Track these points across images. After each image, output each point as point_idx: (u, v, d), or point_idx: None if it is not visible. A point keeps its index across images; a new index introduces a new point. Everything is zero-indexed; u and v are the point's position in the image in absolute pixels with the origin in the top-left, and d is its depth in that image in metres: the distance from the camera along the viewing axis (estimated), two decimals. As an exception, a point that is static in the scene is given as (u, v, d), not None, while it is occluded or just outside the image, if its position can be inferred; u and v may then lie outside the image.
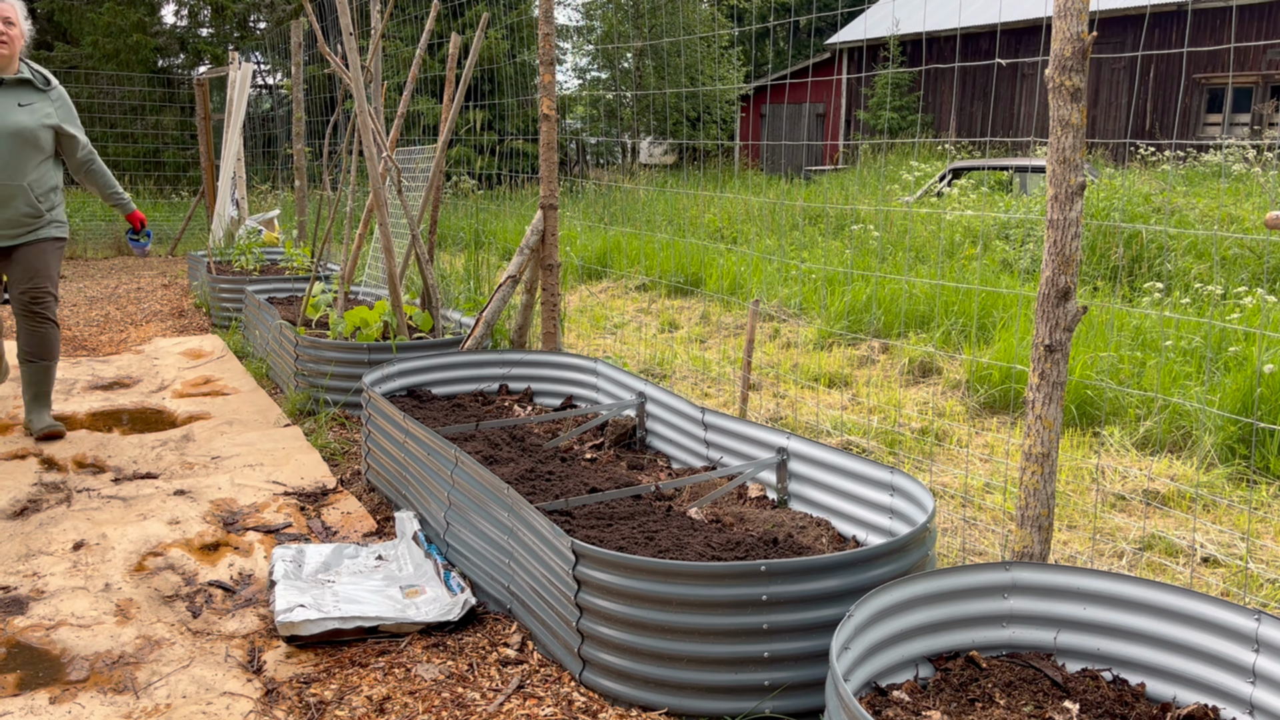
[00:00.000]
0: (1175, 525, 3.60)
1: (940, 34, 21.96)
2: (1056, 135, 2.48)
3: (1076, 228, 2.49)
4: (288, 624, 2.69)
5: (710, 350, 6.56)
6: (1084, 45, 2.42)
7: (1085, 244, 7.78)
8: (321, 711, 2.40)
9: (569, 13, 27.52)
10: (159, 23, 19.34)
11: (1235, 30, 18.35)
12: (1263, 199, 9.01)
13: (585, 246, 10.39)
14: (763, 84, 25.66)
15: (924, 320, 6.59)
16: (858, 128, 23.14)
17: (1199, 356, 5.07)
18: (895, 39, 21.68)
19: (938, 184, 11.76)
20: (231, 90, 9.59)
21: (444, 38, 8.93)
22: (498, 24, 14.95)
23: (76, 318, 7.71)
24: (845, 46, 23.74)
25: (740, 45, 28.23)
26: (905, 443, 4.53)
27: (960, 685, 2.21)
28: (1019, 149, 17.53)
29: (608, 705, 2.42)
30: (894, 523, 2.87)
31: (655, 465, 3.75)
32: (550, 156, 4.74)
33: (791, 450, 3.25)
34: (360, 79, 4.82)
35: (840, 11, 7.31)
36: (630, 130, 24.64)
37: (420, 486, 3.45)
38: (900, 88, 21.67)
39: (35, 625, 2.82)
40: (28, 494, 3.84)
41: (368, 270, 7.80)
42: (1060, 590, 2.34)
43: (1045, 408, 2.56)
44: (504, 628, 2.81)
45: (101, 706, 2.43)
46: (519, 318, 5.12)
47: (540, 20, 4.62)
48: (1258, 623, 2.08)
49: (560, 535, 2.50)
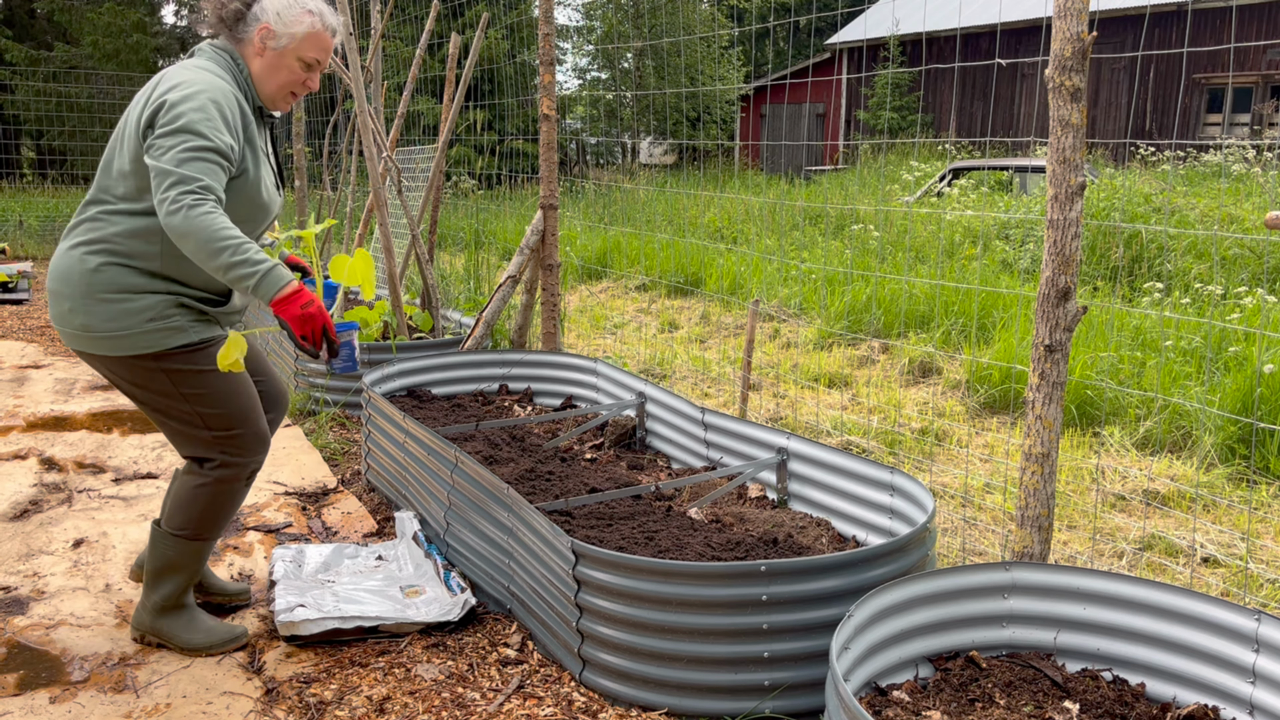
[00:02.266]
0: (1175, 525, 3.60)
1: (940, 34, 21.96)
2: (1056, 135, 2.48)
3: (1076, 228, 2.49)
4: (288, 624, 2.69)
5: (710, 350, 6.56)
6: (1084, 45, 2.42)
7: (1085, 244, 7.78)
8: (321, 711, 2.40)
9: (569, 13, 27.54)
10: (159, 23, 19.36)
11: (1235, 30, 18.35)
12: (1263, 199, 9.01)
13: (585, 246, 10.39)
14: (763, 84, 25.65)
15: (924, 320, 6.59)
16: (858, 128, 23.14)
17: (1199, 356, 5.07)
18: (895, 39, 21.68)
19: (938, 184, 11.76)
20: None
21: (444, 38, 8.94)
22: (498, 24, 14.95)
23: (76, 318, 7.71)
24: (845, 46, 23.73)
25: (740, 45, 28.23)
26: (905, 443, 4.53)
27: (960, 685, 2.21)
28: (1019, 149, 17.52)
29: (608, 705, 2.42)
30: (894, 523, 2.87)
31: (655, 465, 3.75)
32: (550, 156, 4.74)
33: (791, 450, 3.25)
34: (360, 79, 4.82)
35: (840, 11, 7.31)
36: (630, 130, 24.64)
37: (420, 486, 3.45)
38: (900, 88, 21.66)
39: (35, 625, 2.82)
40: (28, 494, 3.84)
41: (368, 270, 7.79)
42: (1060, 590, 2.34)
43: (1045, 408, 2.56)
44: (504, 628, 2.81)
45: (101, 706, 2.43)
46: (519, 318, 5.13)
47: (540, 20, 4.62)
48: (1258, 623, 2.08)
49: (560, 535, 2.50)
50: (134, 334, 2.49)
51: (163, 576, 2.68)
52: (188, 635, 2.69)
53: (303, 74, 2.65)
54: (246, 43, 2.61)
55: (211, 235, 2.32)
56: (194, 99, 2.40)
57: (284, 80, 2.63)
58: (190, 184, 2.32)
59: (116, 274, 2.49)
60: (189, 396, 2.57)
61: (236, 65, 2.60)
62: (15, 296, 8.40)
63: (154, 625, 2.70)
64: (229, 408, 2.61)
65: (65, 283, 2.52)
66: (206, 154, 2.37)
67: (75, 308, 2.50)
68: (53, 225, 12.08)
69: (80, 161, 17.01)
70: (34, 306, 8.18)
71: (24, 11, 20.88)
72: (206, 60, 2.59)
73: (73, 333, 2.54)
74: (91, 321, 2.49)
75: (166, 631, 2.69)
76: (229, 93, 2.51)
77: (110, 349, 2.51)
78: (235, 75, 2.60)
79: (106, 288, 2.48)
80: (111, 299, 2.48)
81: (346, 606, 2.80)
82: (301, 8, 2.62)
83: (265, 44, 2.59)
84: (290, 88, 2.66)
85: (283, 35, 2.59)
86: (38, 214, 12.52)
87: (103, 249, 2.49)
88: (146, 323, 2.49)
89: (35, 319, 7.61)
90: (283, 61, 2.61)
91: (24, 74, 17.42)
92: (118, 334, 2.49)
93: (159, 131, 2.37)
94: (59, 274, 2.54)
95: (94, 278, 2.48)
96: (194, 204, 2.31)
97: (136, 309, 2.49)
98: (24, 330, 7.17)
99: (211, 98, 2.44)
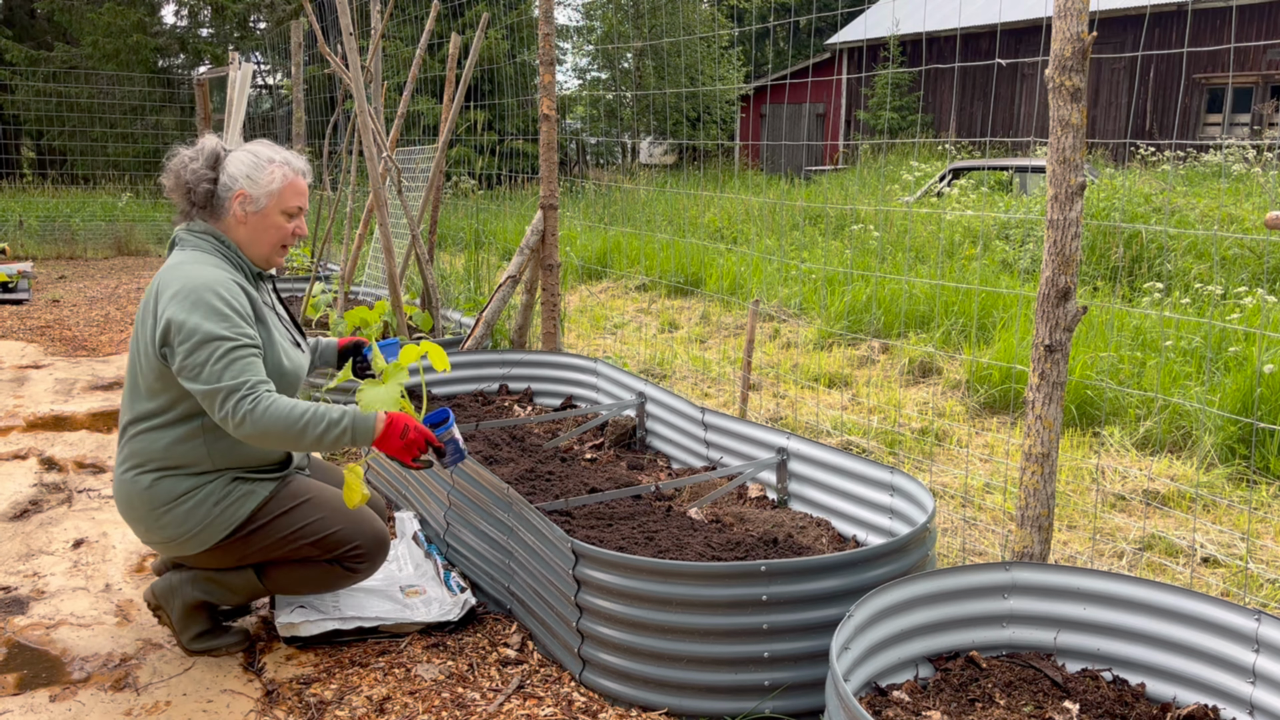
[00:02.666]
0: (1175, 525, 3.60)
1: (940, 34, 21.96)
2: (1056, 135, 2.48)
3: (1076, 228, 2.49)
4: (287, 625, 2.69)
5: (710, 350, 6.56)
6: (1084, 45, 2.42)
7: (1085, 244, 7.77)
8: (321, 711, 2.40)
9: (569, 13, 27.53)
10: (159, 23, 19.34)
11: (1235, 30, 18.34)
12: (1263, 199, 9.01)
13: (585, 246, 10.39)
14: (763, 84, 25.65)
15: (924, 320, 6.59)
16: (858, 128, 23.14)
17: (1199, 356, 5.07)
18: (895, 39, 21.67)
19: (938, 184, 11.76)
20: (231, 90, 9.58)
21: (444, 38, 8.94)
22: (498, 24, 14.95)
23: (76, 318, 7.71)
24: (845, 46, 23.73)
25: (740, 45, 28.22)
26: (905, 443, 4.53)
27: (960, 685, 2.21)
28: (1019, 149, 17.52)
29: (608, 705, 2.42)
30: (894, 523, 2.87)
31: (655, 465, 3.75)
32: (550, 156, 4.74)
33: (791, 450, 3.25)
34: (360, 79, 4.82)
35: (840, 11, 7.31)
36: (630, 130, 24.63)
37: (420, 486, 3.45)
38: (900, 88, 21.66)
39: (35, 625, 2.82)
40: (29, 494, 3.84)
41: (368, 270, 7.80)
42: (1060, 590, 2.34)
43: (1045, 408, 2.56)
44: (504, 628, 2.81)
45: (101, 705, 2.44)
46: (519, 318, 5.12)
47: (540, 20, 4.62)
48: (1258, 623, 2.08)
49: (560, 535, 2.50)
50: (210, 523, 2.51)
51: (220, 593, 2.67)
52: (193, 635, 2.67)
53: (289, 226, 2.61)
54: (225, 215, 2.56)
55: (286, 424, 2.34)
56: (199, 305, 2.37)
57: (273, 239, 2.60)
58: (239, 390, 2.33)
59: (171, 484, 2.50)
60: (290, 538, 2.59)
61: (223, 244, 2.55)
62: (15, 296, 8.39)
63: (180, 608, 2.67)
64: (335, 527, 2.61)
65: (130, 507, 2.54)
66: (236, 352, 2.36)
67: (149, 526, 2.53)
68: (53, 225, 12.08)
69: (80, 162, 17.01)
70: (34, 306, 8.18)
71: (24, 11, 20.88)
72: (191, 251, 2.53)
73: (161, 544, 2.56)
74: (169, 533, 2.52)
75: (180, 622, 2.67)
76: (227, 281, 2.46)
77: (199, 545, 2.54)
78: (225, 254, 2.55)
79: (165, 499, 2.50)
80: (174, 506, 2.50)
81: (346, 607, 2.80)
82: (268, 161, 2.56)
83: (245, 210, 2.54)
84: (281, 243, 2.62)
85: (260, 196, 2.54)
86: (38, 214, 12.52)
87: (152, 466, 2.50)
88: (214, 507, 2.51)
89: (35, 319, 7.61)
90: (267, 221, 2.57)
91: (24, 74, 17.41)
92: (197, 531, 2.52)
93: (181, 354, 2.36)
94: (122, 501, 2.56)
95: (151, 494, 2.50)
96: (253, 406, 2.33)
97: (200, 501, 2.51)
98: (24, 330, 7.17)
99: (214, 292, 2.40)
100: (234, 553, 2.58)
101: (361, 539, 2.64)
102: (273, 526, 2.56)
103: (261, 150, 2.59)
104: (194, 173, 2.53)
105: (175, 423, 2.49)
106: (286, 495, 2.60)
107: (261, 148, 2.60)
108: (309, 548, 2.60)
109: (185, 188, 2.53)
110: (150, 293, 2.49)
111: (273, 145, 2.63)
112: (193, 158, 2.55)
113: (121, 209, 13.26)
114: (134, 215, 13.08)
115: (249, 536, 2.55)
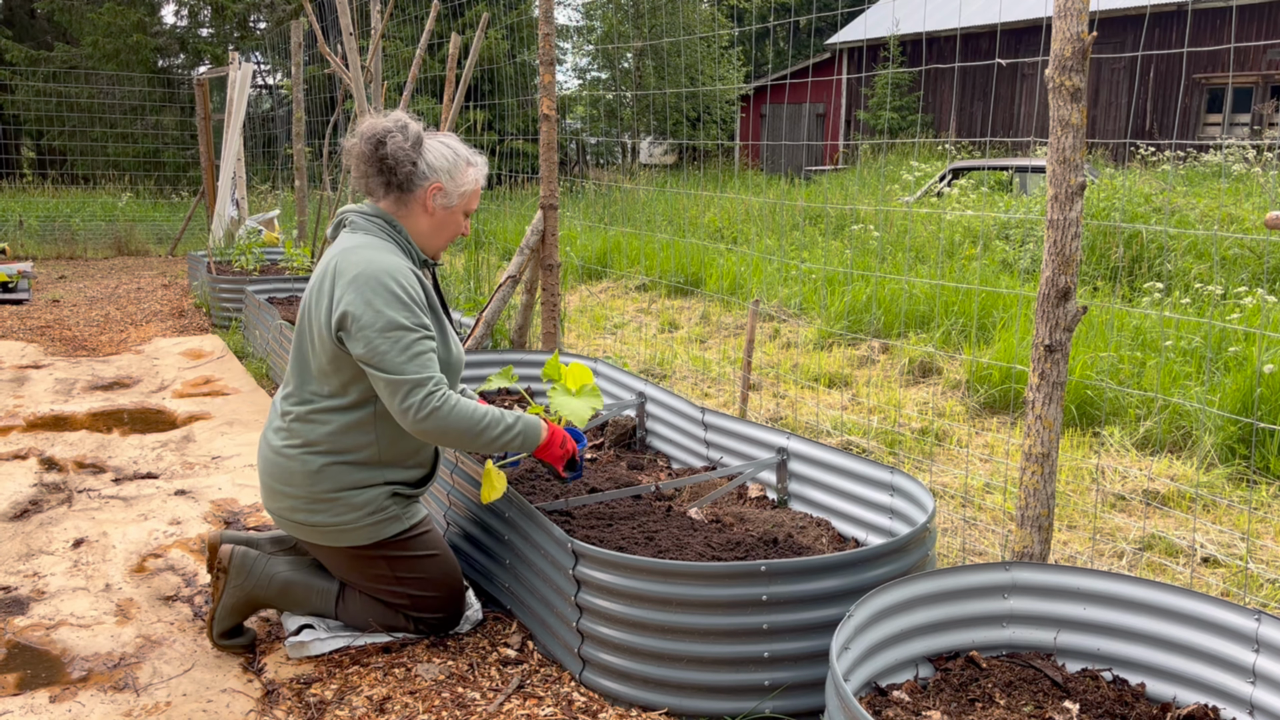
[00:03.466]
0: (1175, 525, 3.60)
1: (940, 34, 21.96)
2: (1056, 135, 2.48)
3: (1076, 228, 2.49)
4: (297, 644, 2.65)
5: (710, 350, 6.56)
6: (1084, 45, 2.42)
7: (1085, 244, 7.78)
8: (321, 711, 2.40)
9: (569, 13, 27.53)
10: (159, 23, 19.34)
11: (1235, 30, 18.35)
12: (1263, 199, 9.01)
13: (585, 246, 10.39)
14: (763, 84, 25.65)
15: (924, 320, 6.59)
16: (858, 128, 23.14)
17: (1199, 356, 5.07)
18: (895, 39, 21.67)
19: (938, 184, 11.76)
20: (231, 90, 9.59)
21: (444, 38, 8.94)
22: (498, 24, 14.95)
23: (76, 318, 7.71)
24: (845, 46, 23.74)
25: (740, 45, 28.23)
26: (905, 443, 4.53)
27: (960, 685, 2.21)
28: (1019, 149, 17.52)
29: (608, 705, 2.42)
30: (894, 523, 2.87)
31: (655, 465, 3.75)
32: (550, 156, 4.74)
33: (791, 450, 3.25)
34: (360, 79, 4.82)
35: (840, 11, 7.32)
36: (630, 130, 24.64)
37: (420, 486, 3.45)
38: (900, 88, 21.66)
39: (35, 625, 2.82)
40: (28, 494, 3.84)
41: (368, 270, 7.79)
42: (1060, 590, 2.34)
43: (1045, 408, 2.56)
44: (504, 627, 2.81)
45: (101, 705, 2.44)
46: (519, 318, 5.13)
47: (540, 20, 4.62)
48: (1258, 623, 2.08)
49: (560, 535, 2.50)
50: (356, 528, 2.53)
51: (299, 594, 2.67)
52: (225, 628, 2.67)
53: (465, 224, 2.66)
54: (412, 202, 2.55)
55: (468, 426, 2.38)
56: (380, 292, 2.37)
57: (451, 234, 2.63)
58: (424, 386, 2.34)
59: (339, 473, 2.50)
60: (404, 580, 2.60)
61: (395, 229, 2.55)
62: (15, 296, 8.39)
63: (244, 595, 2.64)
64: (439, 591, 2.64)
65: (287, 483, 2.53)
66: (418, 344, 2.38)
67: (297, 507, 2.53)
68: (52, 225, 12.08)
69: (80, 162, 17.02)
70: (34, 306, 8.18)
71: (24, 11, 20.88)
72: (364, 235, 2.52)
73: (294, 525, 2.57)
74: (316, 520, 2.53)
75: (227, 607, 2.64)
76: (405, 269, 2.46)
77: (333, 541, 2.55)
78: (396, 240, 2.55)
79: (331, 488, 2.50)
80: (334, 498, 2.51)
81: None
82: (466, 163, 2.59)
83: (436, 203, 2.55)
84: (454, 238, 2.67)
85: (454, 194, 2.58)
86: (38, 214, 12.52)
87: (322, 449, 2.50)
88: (366, 517, 2.52)
89: (35, 319, 7.61)
90: (452, 218, 2.61)
91: (24, 74, 17.42)
92: (341, 529, 2.53)
93: (362, 340, 2.35)
94: (278, 473, 2.54)
95: (317, 479, 2.50)
96: (438, 404, 2.35)
97: (357, 504, 2.51)
98: (24, 330, 7.17)
99: (395, 279, 2.41)
100: (356, 562, 2.59)
101: (445, 614, 2.68)
102: (402, 559, 2.58)
103: (458, 148, 2.63)
104: (401, 149, 2.50)
105: (348, 408, 2.48)
106: (429, 539, 2.63)
107: (456, 144, 2.64)
108: (405, 594, 2.62)
109: (388, 161, 2.50)
110: (324, 273, 2.47)
111: (460, 142, 2.67)
112: (398, 133, 2.51)
113: (121, 209, 13.26)
114: (134, 215, 13.09)
115: (377, 558, 2.57)
